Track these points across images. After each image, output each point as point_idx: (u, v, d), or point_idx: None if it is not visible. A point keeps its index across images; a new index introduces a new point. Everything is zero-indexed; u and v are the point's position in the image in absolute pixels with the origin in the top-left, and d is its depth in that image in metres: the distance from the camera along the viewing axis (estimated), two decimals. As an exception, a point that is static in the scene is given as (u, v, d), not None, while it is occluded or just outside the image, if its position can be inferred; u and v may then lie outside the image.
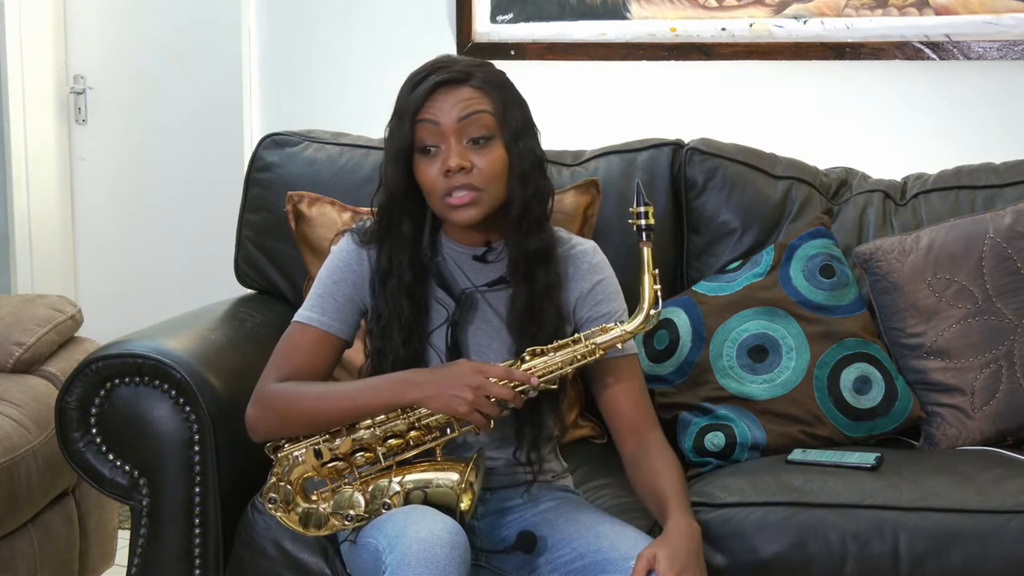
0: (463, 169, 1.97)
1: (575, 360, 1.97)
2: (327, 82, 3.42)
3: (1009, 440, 2.45)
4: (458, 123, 1.97)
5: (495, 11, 3.26)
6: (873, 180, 2.79)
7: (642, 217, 1.98)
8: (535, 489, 2.08)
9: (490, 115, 1.99)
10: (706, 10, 3.15)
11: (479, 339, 2.07)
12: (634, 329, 1.99)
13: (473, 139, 1.98)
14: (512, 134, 2.01)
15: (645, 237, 1.98)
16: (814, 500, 2.13)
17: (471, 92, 2.00)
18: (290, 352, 2.07)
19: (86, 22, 4.02)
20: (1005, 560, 2.05)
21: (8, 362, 2.68)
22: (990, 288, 2.49)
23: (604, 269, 2.12)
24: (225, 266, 2.82)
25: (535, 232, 2.03)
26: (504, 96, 2.02)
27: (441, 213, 2.03)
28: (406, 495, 1.96)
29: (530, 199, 2.02)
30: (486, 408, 1.91)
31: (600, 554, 1.91)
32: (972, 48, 3.01)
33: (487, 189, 1.99)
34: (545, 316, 2.03)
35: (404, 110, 2.00)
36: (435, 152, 1.99)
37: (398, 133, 2.01)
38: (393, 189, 2.03)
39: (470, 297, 2.07)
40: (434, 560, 1.78)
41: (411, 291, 2.04)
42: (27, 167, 3.94)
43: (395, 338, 2.03)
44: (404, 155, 2.00)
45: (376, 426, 1.97)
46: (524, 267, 2.03)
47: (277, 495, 2.01)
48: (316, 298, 2.08)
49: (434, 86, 1.99)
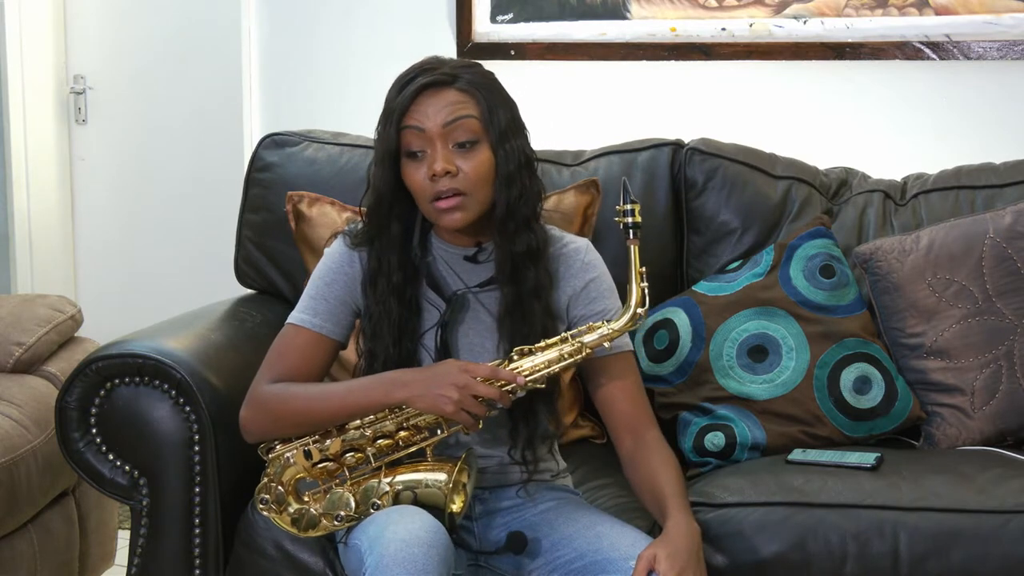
0: (448, 173, 1.97)
1: (562, 359, 1.97)
2: (327, 82, 3.42)
3: (1009, 440, 2.46)
4: (443, 128, 1.98)
5: (495, 11, 3.26)
6: (873, 180, 2.79)
7: (628, 215, 1.98)
8: (533, 488, 2.08)
9: (475, 119, 1.99)
10: (706, 10, 3.15)
11: (470, 339, 2.07)
12: (621, 327, 1.99)
13: (459, 143, 1.98)
14: (498, 136, 2.00)
15: (632, 235, 1.98)
16: (814, 500, 2.13)
17: (457, 95, 1.99)
18: (283, 354, 2.07)
19: (86, 22, 4.02)
20: (1005, 560, 2.05)
21: (8, 362, 2.68)
22: (990, 288, 2.49)
23: (597, 267, 2.12)
24: (225, 266, 2.82)
25: (522, 233, 2.03)
26: (490, 98, 2.01)
27: (430, 217, 2.03)
28: (395, 496, 1.96)
29: (515, 201, 2.02)
30: (473, 408, 1.91)
31: (600, 554, 1.91)
32: (972, 48, 3.01)
33: (473, 193, 1.99)
34: (533, 316, 2.03)
35: (390, 113, 2.01)
36: (422, 156, 1.99)
37: (385, 137, 2.01)
38: (381, 191, 2.03)
39: (461, 298, 2.07)
40: (412, 560, 1.78)
41: (401, 292, 2.04)
42: (27, 167, 3.94)
43: (386, 339, 2.04)
44: (391, 158, 2.01)
45: (365, 426, 1.98)
46: (510, 268, 2.03)
47: (269, 496, 2.02)
48: (309, 300, 2.09)
49: (419, 89, 1.99)
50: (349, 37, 3.39)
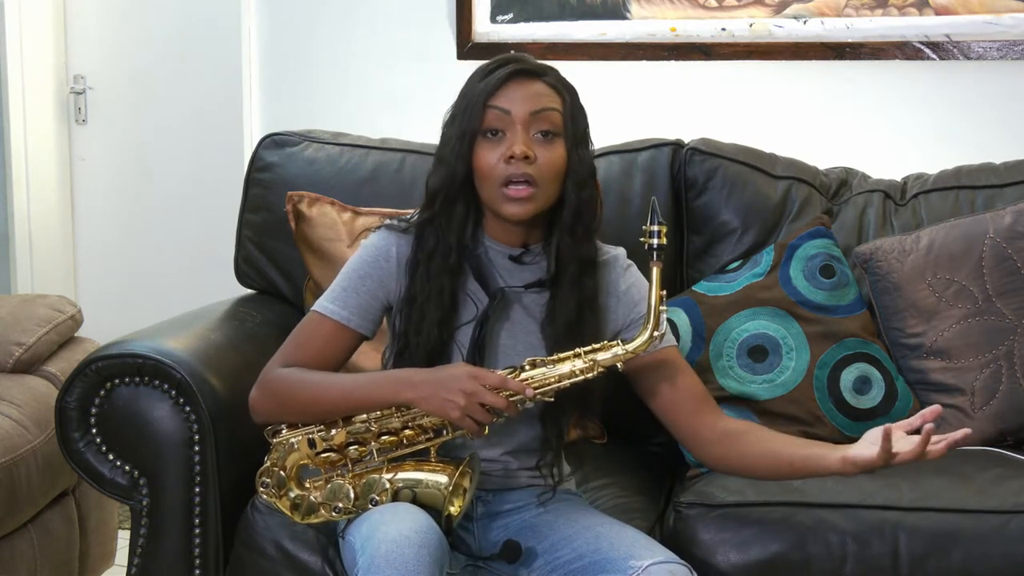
0: (527, 158, 1.96)
1: (573, 375, 1.95)
2: (327, 82, 3.42)
3: (1009, 440, 2.46)
4: (529, 115, 1.98)
5: (495, 11, 3.26)
6: (873, 180, 2.79)
7: (654, 236, 1.94)
8: (536, 491, 2.08)
9: (559, 114, 2.00)
10: (706, 10, 3.15)
11: (505, 339, 2.06)
12: (634, 349, 1.96)
13: (541, 132, 1.98)
14: (575, 139, 2.01)
15: (656, 257, 1.94)
16: (814, 500, 2.13)
17: (545, 88, 2.00)
18: (304, 342, 2.06)
19: (86, 22, 4.02)
20: (1005, 560, 2.05)
21: (8, 362, 2.68)
22: (990, 288, 2.49)
23: (634, 272, 2.12)
24: (225, 266, 2.82)
25: (586, 239, 2.03)
26: (574, 101, 2.03)
27: (493, 203, 2.01)
28: (395, 492, 1.96)
29: (584, 205, 2.02)
30: (479, 415, 1.90)
31: (599, 554, 1.91)
32: (972, 48, 3.01)
33: (543, 186, 1.98)
34: (585, 326, 2.02)
35: (475, 94, 1.99)
36: (500, 137, 1.98)
37: (466, 115, 2.00)
38: (455, 169, 2.00)
39: (506, 295, 2.06)
40: (402, 560, 1.78)
41: (453, 276, 2.02)
42: (27, 167, 3.94)
43: (429, 321, 2.01)
44: (469, 137, 1.99)
45: (371, 421, 1.97)
46: (575, 273, 2.02)
47: (270, 479, 2.02)
48: (340, 291, 2.07)
49: (509, 74, 1.99)
50: (349, 37, 3.39)
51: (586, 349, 1.96)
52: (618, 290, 2.09)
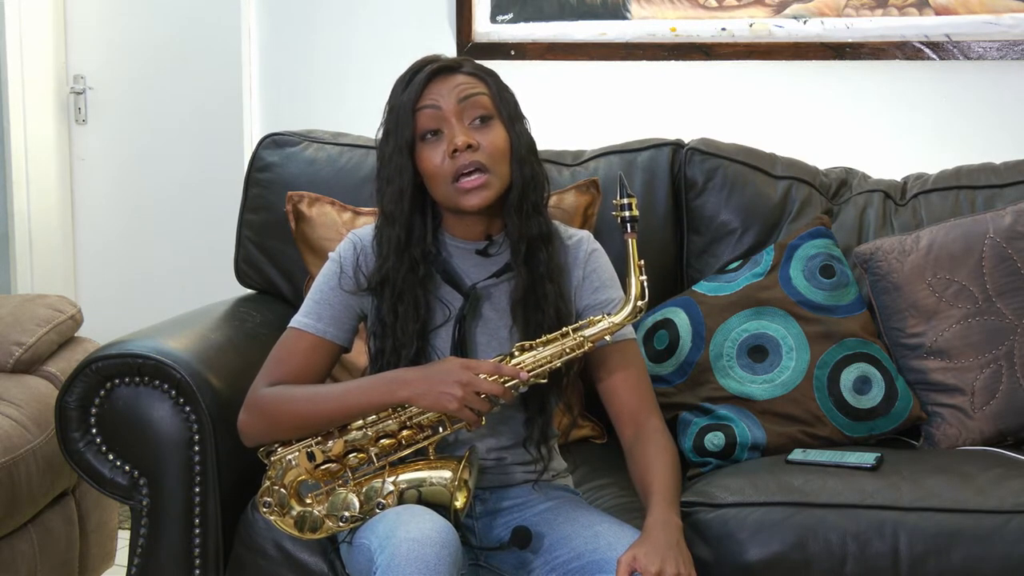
0: (470, 147, 1.98)
1: (564, 353, 1.97)
2: (327, 82, 3.42)
3: (1009, 440, 2.46)
4: (458, 104, 2.00)
5: (495, 11, 3.26)
6: (873, 180, 2.79)
7: (625, 209, 1.98)
8: (540, 484, 2.09)
9: (487, 97, 2.02)
10: (706, 10, 3.16)
11: (481, 336, 2.07)
12: (621, 320, 1.99)
13: (479, 118, 2.01)
14: (510, 117, 2.04)
15: (629, 228, 1.98)
16: (814, 500, 2.13)
17: (466, 78, 2.03)
18: (284, 358, 2.07)
19: (86, 22, 4.03)
20: (1005, 560, 2.05)
21: (8, 362, 2.68)
22: (990, 288, 2.49)
23: (599, 256, 2.14)
24: (225, 266, 2.82)
25: (534, 216, 2.04)
26: (497, 82, 2.06)
27: (450, 200, 2.02)
28: (400, 495, 1.96)
29: (528, 182, 2.04)
30: (476, 404, 1.91)
31: (598, 554, 1.91)
32: (972, 48, 3.01)
33: (495, 169, 2.00)
34: (547, 300, 2.04)
35: (402, 104, 2.02)
36: (439, 137, 2.00)
37: (398, 127, 2.02)
38: (402, 184, 2.02)
39: (478, 292, 2.07)
40: (424, 560, 1.78)
41: (423, 286, 2.04)
42: (27, 167, 3.95)
43: (407, 334, 2.03)
44: (407, 147, 2.01)
45: (368, 426, 1.98)
46: (525, 251, 2.04)
47: (272, 499, 2.02)
48: (312, 304, 2.09)
49: (429, 75, 2.02)
50: (349, 37, 3.39)
51: (573, 327, 1.99)
52: (578, 276, 2.11)
